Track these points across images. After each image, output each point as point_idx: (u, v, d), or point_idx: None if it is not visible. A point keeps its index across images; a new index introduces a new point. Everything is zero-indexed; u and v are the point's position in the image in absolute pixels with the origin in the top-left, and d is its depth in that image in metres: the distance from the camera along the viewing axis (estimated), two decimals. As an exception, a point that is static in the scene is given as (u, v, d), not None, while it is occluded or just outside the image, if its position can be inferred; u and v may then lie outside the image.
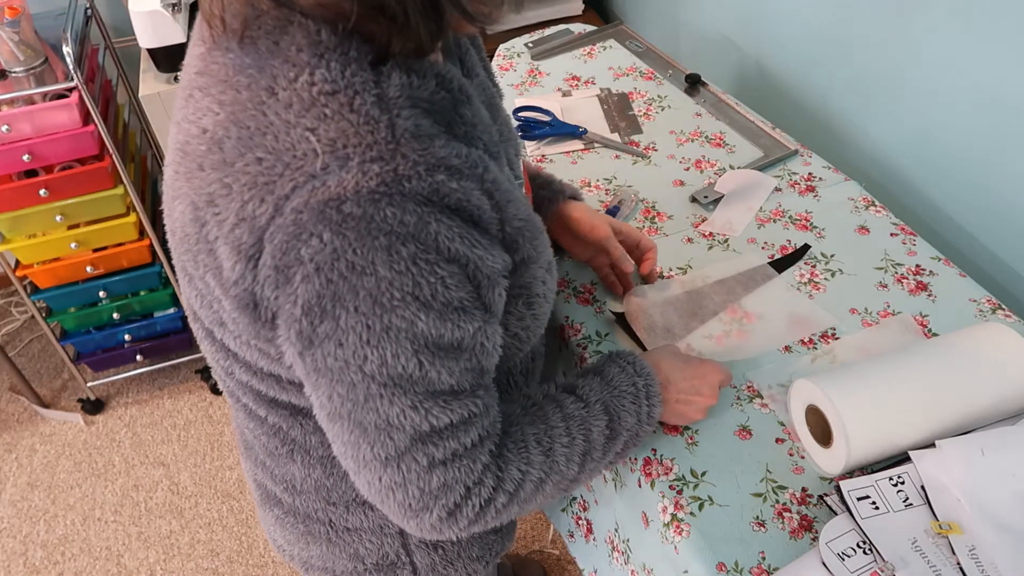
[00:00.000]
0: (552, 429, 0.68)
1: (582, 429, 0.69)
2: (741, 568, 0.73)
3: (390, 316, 0.51)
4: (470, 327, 0.56)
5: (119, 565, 1.71)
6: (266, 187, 0.50)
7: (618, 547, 0.92)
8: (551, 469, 0.67)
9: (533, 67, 1.47)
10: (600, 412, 0.71)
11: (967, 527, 0.70)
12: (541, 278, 0.65)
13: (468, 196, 0.53)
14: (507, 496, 0.64)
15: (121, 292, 1.80)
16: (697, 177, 1.19)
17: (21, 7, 1.46)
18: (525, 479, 0.65)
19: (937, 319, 0.94)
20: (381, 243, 0.49)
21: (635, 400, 0.73)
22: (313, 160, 0.49)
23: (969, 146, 1.11)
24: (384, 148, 0.49)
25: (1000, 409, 0.79)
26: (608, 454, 0.72)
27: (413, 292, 0.51)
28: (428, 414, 0.56)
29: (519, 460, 0.65)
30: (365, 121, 0.50)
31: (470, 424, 0.60)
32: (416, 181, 0.50)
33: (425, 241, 0.51)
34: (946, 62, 1.11)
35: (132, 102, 1.87)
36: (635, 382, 0.74)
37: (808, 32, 1.38)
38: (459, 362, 0.57)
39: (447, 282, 0.53)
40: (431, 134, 0.52)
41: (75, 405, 2.02)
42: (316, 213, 0.49)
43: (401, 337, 0.52)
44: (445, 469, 0.59)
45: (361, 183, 0.48)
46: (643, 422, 0.74)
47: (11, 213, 1.56)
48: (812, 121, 1.42)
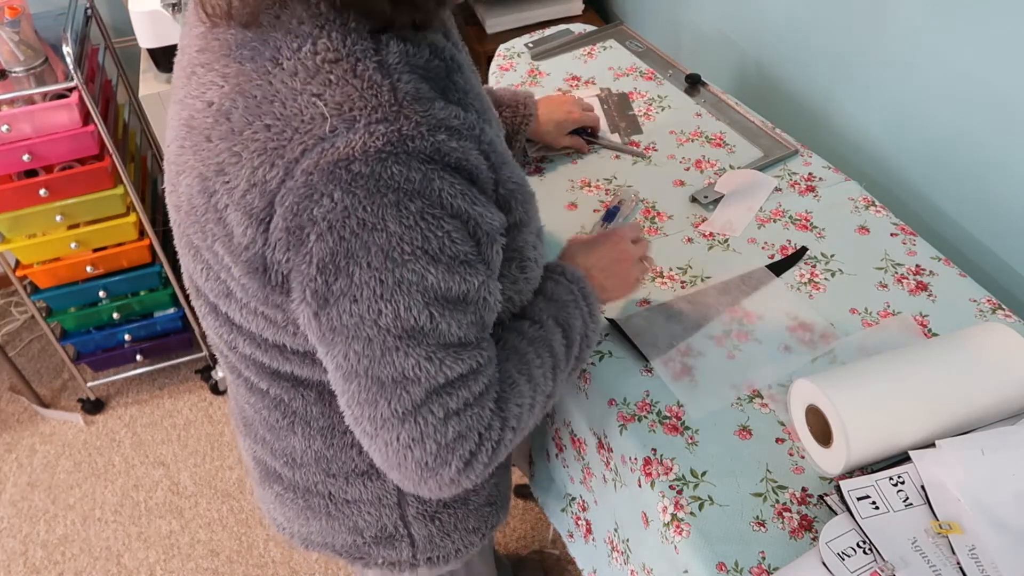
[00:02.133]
0: (524, 356, 0.70)
1: (546, 347, 0.72)
2: (741, 568, 0.73)
3: (401, 270, 0.54)
4: (475, 280, 0.58)
5: (119, 565, 1.71)
6: (276, 152, 0.52)
7: (618, 547, 0.92)
8: (536, 391, 0.70)
9: (533, 67, 1.47)
10: (554, 327, 0.74)
11: (967, 527, 0.70)
12: (532, 243, 0.68)
13: (467, 155, 0.55)
14: (512, 431, 0.67)
15: (121, 292, 1.80)
16: (697, 177, 1.19)
17: (21, 7, 1.46)
18: (522, 410, 0.68)
19: (937, 319, 0.94)
20: (390, 199, 0.51)
21: (576, 306, 0.76)
22: (321, 123, 0.51)
23: (970, 146, 1.11)
24: (388, 110, 0.52)
25: (1000, 409, 0.79)
26: (570, 360, 0.76)
27: (423, 246, 0.54)
28: (442, 364, 0.59)
29: (513, 396, 0.67)
30: (369, 85, 0.52)
31: (478, 373, 0.62)
32: (419, 141, 0.52)
33: (431, 197, 0.53)
34: (947, 62, 1.11)
35: (132, 102, 1.87)
36: (571, 289, 0.77)
37: (808, 32, 1.38)
38: (466, 315, 0.59)
39: (453, 236, 0.55)
40: (430, 97, 0.54)
41: (75, 405, 2.02)
42: (326, 173, 0.51)
43: (413, 290, 0.55)
44: (459, 419, 0.61)
45: (368, 143, 0.51)
46: (587, 322, 0.77)
47: (11, 213, 1.56)
48: (812, 121, 1.42)
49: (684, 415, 0.86)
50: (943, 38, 1.10)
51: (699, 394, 0.88)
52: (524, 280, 0.70)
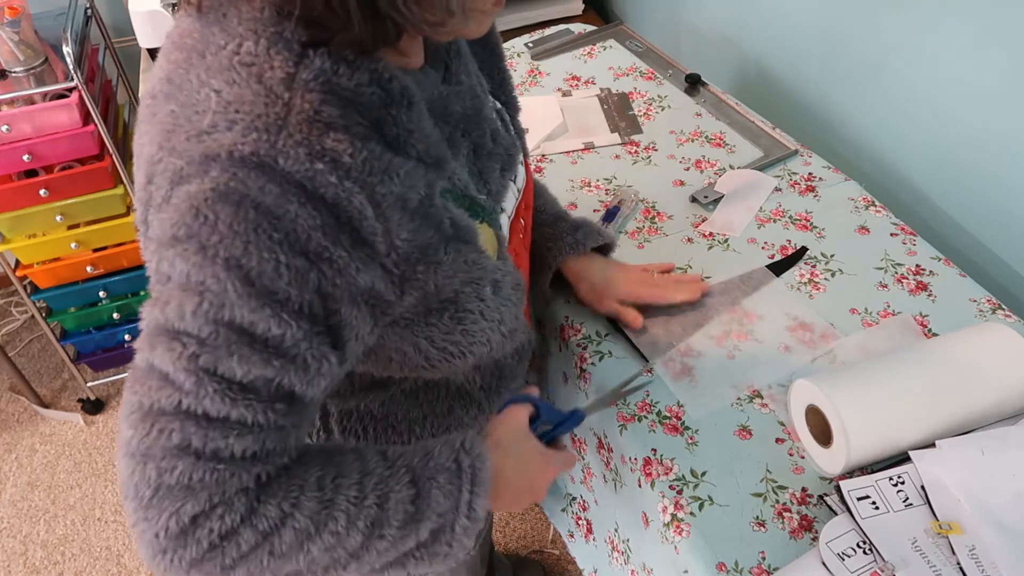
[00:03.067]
0: (341, 478, 0.57)
1: (378, 491, 0.58)
2: (741, 568, 0.73)
3: (207, 271, 0.49)
4: (288, 332, 0.50)
5: (119, 565, 1.71)
6: (168, 134, 0.53)
7: (618, 547, 0.92)
8: (324, 526, 0.55)
9: (533, 67, 1.47)
10: (406, 481, 0.59)
11: (967, 527, 0.70)
12: (475, 294, 0.62)
13: (349, 196, 0.50)
14: (257, 536, 0.53)
15: (121, 292, 1.80)
16: (697, 177, 1.19)
17: (21, 7, 1.46)
18: (285, 524, 0.54)
19: (937, 319, 0.94)
20: (232, 200, 0.49)
21: (453, 480, 0.61)
22: (206, 116, 0.51)
23: (970, 146, 1.11)
24: (272, 122, 0.50)
25: (1000, 409, 0.79)
26: (408, 538, 0.59)
27: (239, 259, 0.48)
28: (201, 386, 0.50)
29: (285, 499, 0.54)
30: (266, 93, 0.51)
31: (247, 431, 0.52)
32: (292, 162, 0.49)
33: (278, 218, 0.49)
34: (946, 62, 1.11)
35: (132, 102, 1.87)
36: (460, 460, 0.62)
37: (808, 32, 1.38)
38: (263, 363, 0.51)
39: (280, 269, 0.49)
40: (331, 124, 0.51)
41: (75, 405, 2.02)
42: (193, 163, 0.51)
43: (207, 297, 0.49)
44: (195, 463, 0.51)
45: (236, 146, 0.49)
46: (461, 512, 0.61)
47: (11, 213, 1.56)
48: (812, 121, 1.42)
49: (684, 415, 0.86)
50: (943, 38, 1.10)
51: (699, 394, 0.88)
52: (463, 332, 0.63)
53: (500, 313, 0.66)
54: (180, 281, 0.50)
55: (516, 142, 0.76)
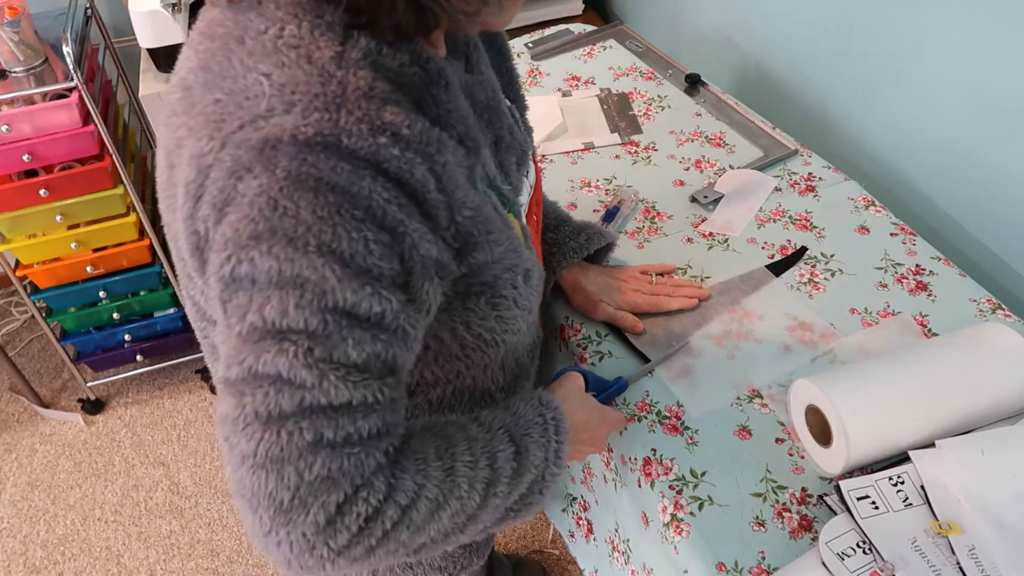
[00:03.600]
0: (455, 447, 0.60)
1: (486, 452, 0.62)
2: (741, 568, 0.73)
3: (302, 264, 0.49)
4: (388, 306, 0.52)
5: (119, 565, 1.71)
6: (215, 125, 0.51)
7: (618, 547, 0.92)
8: (451, 492, 0.58)
9: (533, 67, 1.47)
10: (505, 440, 0.64)
11: (967, 527, 0.70)
12: (511, 281, 0.63)
13: (411, 168, 0.51)
14: (398, 511, 0.55)
15: (121, 292, 1.80)
16: (697, 177, 1.19)
17: (21, 7, 1.46)
18: (420, 495, 0.56)
19: (937, 319, 0.94)
20: (308, 186, 0.48)
21: (543, 433, 0.66)
22: (261, 101, 0.50)
23: (969, 146, 1.11)
24: (330, 100, 0.50)
25: (1000, 409, 0.79)
26: (514, 492, 0.63)
27: (330, 244, 0.49)
28: (323, 379, 0.50)
29: (416, 471, 0.56)
30: (319, 73, 0.50)
31: (371, 411, 0.53)
32: (356, 139, 0.49)
33: (356, 196, 0.49)
34: (946, 62, 1.11)
35: (132, 102, 1.87)
36: (543, 413, 0.68)
37: (808, 32, 1.38)
38: (372, 340, 0.52)
39: (370, 246, 0.50)
40: (386, 99, 0.51)
41: (75, 405, 2.02)
42: (254, 151, 0.49)
43: (308, 289, 0.49)
44: (332, 454, 0.51)
45: (299, 127, 0.49)
46: (550, 460, 0.66)
47: (11, 213, 1.56)
48: (812, 121, 1.42)
49: (684, 415, 0.86)
50: (943, 38, 1.10)
51: (699, 394, 0.88)
52: (497, 319, 0.64)
53: (529, 302, 0.68)
54: (271, 279, 0.49)
55: (527, 138, 0.77)
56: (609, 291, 0.96)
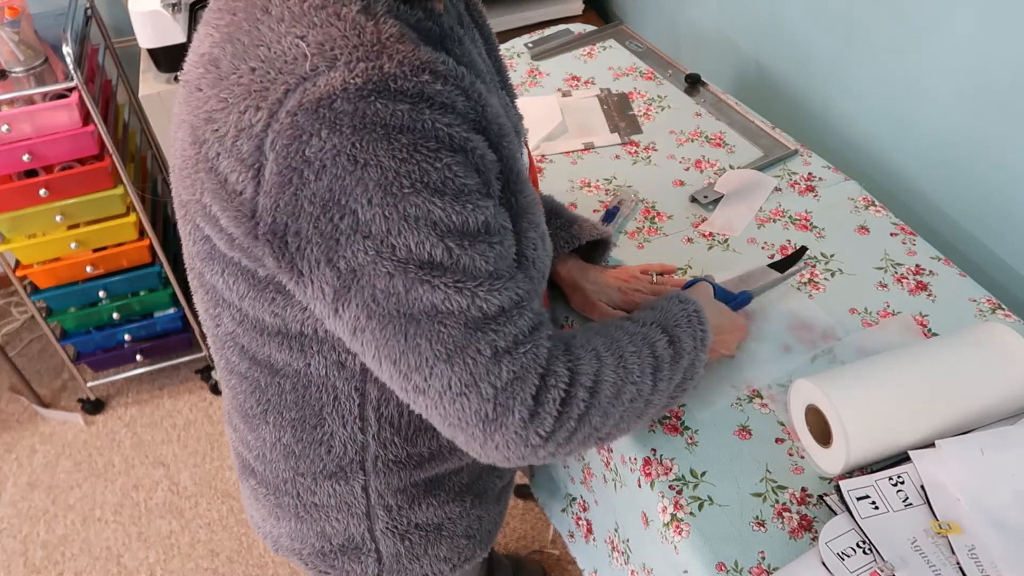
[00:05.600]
0: (619, 340, 0.67)
1: (647, 343, 0.69)
2: (741, 568, 0.73)
3: (404, 204, 0.52)
4: (488, 210, 0.56)
5: (119, 565, 1.71)
6: (259, 94, 0.52)
7: (618, 547, 0.92)
8: (626, 378, 0.65)
9: (533, 67, 1.47)
10: (658, 330, 0.71)
11: (967, 527, 0.70)
12: (532, 241, 0.65)
13: (453, 100, 0.54)
14: (587, 392, 0.62)
15: (121, 292, 1.80)
16: (697, 177, 1.19)
17: (21, 7, 1.46)
18: (601, 376, 0.63)
19: (937, 319, 0.94)
20: (379, 134, 0.51)
21: (689, 323, 0.73)
22: (303, 63, 0.51)
23: (970, 145, 1.11)
24: (370, 49, 0.52)
25: (1000, 409, 0.79)
26: (675, 375, 0.71)
27: (422, 179, 0.52)
28: (475, 297, 0.56)
29: (590, 358, 0.63)
30: (352, 26, 0.52)
31: (522, 308, 0.59)
32: (402, 80, 0.51)
33: (423, 130, 0.52)
34: (946, 61, 1.11)
35: (132, 102, 1.87)
36: (685, 307, 0.75)
37: (808, 32, 1.38)
38: (491, 247, 0.57)
39: (453, 168, 0.53)
40: (417, 43, 0.54)
41: (75, 405, 2.02)
42: (310, 113, 0.50)
43: (421, 224, 0.53)
44: (511, 358, 0.58)
45: (349, 80, 0.50)
46: (699, 348, 0.73)
47: (11, 213, 1.56)
48: (812, 121, 1.42)
49: (684, 415, 0.86)
50: (943, 38, 1.10)
51: (699, 394, 0.88)
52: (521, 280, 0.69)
53: (545, 266, 0.69)
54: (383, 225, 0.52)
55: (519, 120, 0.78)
56: (608, 291, 0.96)
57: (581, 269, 0.97)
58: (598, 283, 0.96)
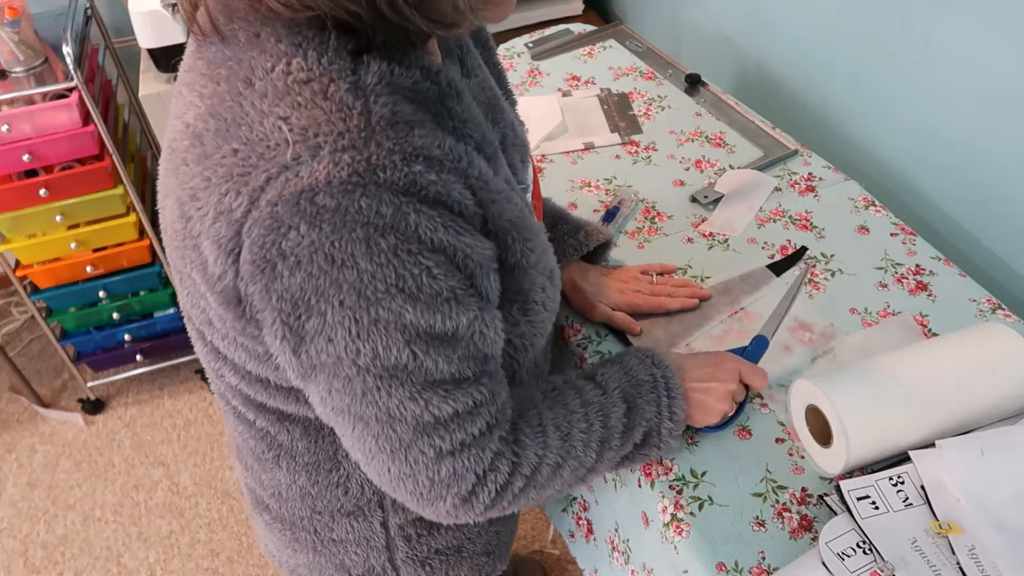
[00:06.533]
0: (571, 414, 0.67)
1: (600, 415, 0.69)
2: (741, 568, 0.73)
3: (376, 308, 0.50)
4: (463, 316, 0.54)
5: (119, 565, 1.71)
6: (241, 179, 0.49)
7: (618, 547, 0.92)
8: (568, 454, 0.66)
9: (533, 67, 1.47)
10: (618, 399, 0.70)
11: (967, 527, 0.70)
12: (540, 284, 0.64)
13: (448, 189, 0.51)
14: (524, 480, 0.63)
15: (121, 292, 1.80)
16: (697, 177, 1.19)
17: (21, 7, 1.46)
18: (542, 463, 0.64)
19: (937, 319, 0.94)
20: (359, 235, 0.48)
21: (653, 389, 0.72)
22: (285, 150, 0.48)
23: (969, 145, 1.11)
24: (356, 136, 0.48)
25: (1000, 409, 0.79)
26: (626, 443, 0.71)
27: (397, 284, 0.50)
28: (428, 404, 0.55)
29: (536, 444, 0.64)
30: (338, 108, 0.49)
31: (476, 413, 0.59)
32: (391, 171, 0.48)
33: (405, 232, 0.49)
34: (946, 61, 1.11)
35: (132, 102, 1.87)
36: (653, 372, 0.73)
37: (808, 32, 1.38)
38: (456, 351, 0.55)
39: (433, 272, 0.51)
40: (410, 121, 0.51)
41: (75, 405, 2.02)
42: (291, 205, 0.48)
43: (391, 329, 0.52)
44: (454, 459, 0.59)
45: (333, 173, 0.47)
46: (663, 415, 0.72)
47: (11, 213, 1.56)
48: (812, 121, 1.42)
49: (684, 415, 0.86)
50: (943, 38, 1.10)
51: (699, 394, 0.88)
52: (528, 324, 0.66)
53: (554, 302, 0.69)
54: (350, 329, 0.51)
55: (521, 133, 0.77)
56: (608, 292, 0.95)
57: (582, 271, 0.97)
58: (598, 285, 0.96)
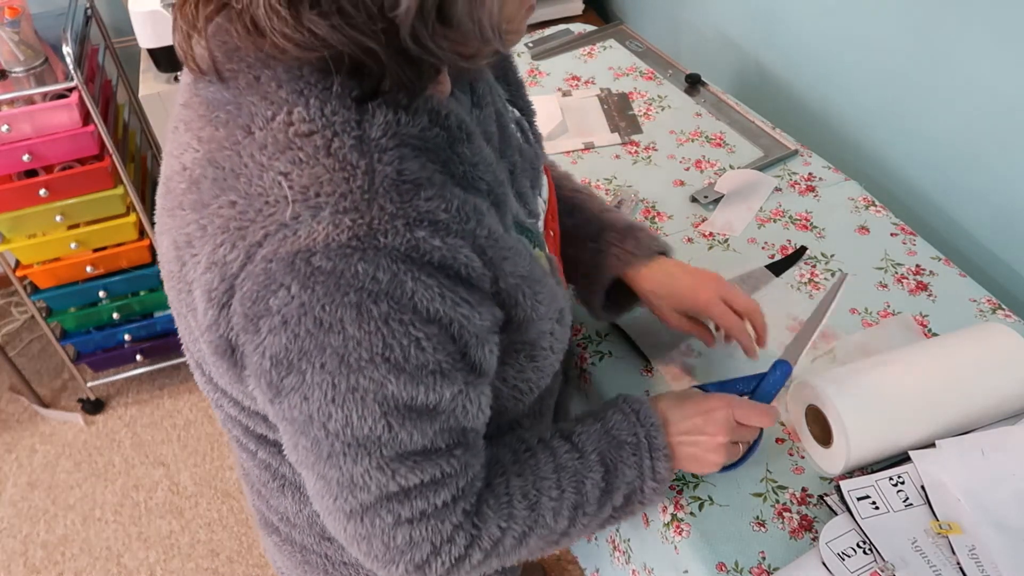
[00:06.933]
0: (541, 481, 0.63)
1: (574, 481, 0.64)
2: (741, 568, 0.73)
3: (357, 376, 0.49)
4: (448, 391, 0.52)
5: (119, 565, 1.71)
6: (238, 232, 0.48)
7: (619, 547, 0.92)
8: (536, 523, 0.63)
9: (533, 67, 1.47)
10: (595, 463, 0.66)
11: (967, 527, 0.70)
12: (549, 330, 0.62)
13: (454, 254, 0.49)
14: (483, 553, 0.61)
15: (121, 292, 1.80)
16: (697, 177, 1.19)
17: (21, 7, 1.46)
18: (505, 535, 0.61)
19: (937, 319, 0.94)
20: (351, 300, 0.46)
21: (635, 451, 0.67)
22: (285, 208, 0.47)
23: (970, 146, 1.11)
24: (359, 198, 0.46)
25: (1001, 409, 0.79)
26: (604, 508, 0.67)
27: (383, 353, 0.48)
28: (395, 475, 0.54)
29: (499, 516, 0.61)
30: (341, 167, 0.47)
31: (442, 484, 0.57)
32: (392, 236, 0.47)
33: (400, 300, 0.47)
34: (945, 61, 1.11)
35: (132, 102, 1.87)
36: (636, 432, 0.68)
37: (808, 31, 1.38)
38: (435, 424, 0.54)
39: (422, 344, 0.49)
40: (417, 180, 0.48)
41: (75, 405, 2.02)
42: (286, 264, 0.46)
43: (368, 399, 0.50)
44: (412, 527, 0.57)
45: (332, 235, 0.46)
46: (645, 476, 0.68)
47: (11, 213, 1.56)
48: (812, 121, 1.42)
49: (684, 415, 0.86)
50: (944, 37, 1.10)
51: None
52: (534, 369, 0.63)
53: (563, 342, 0.65)
54: (326, 394, 0.49)
55: (537, 151, 0.74)
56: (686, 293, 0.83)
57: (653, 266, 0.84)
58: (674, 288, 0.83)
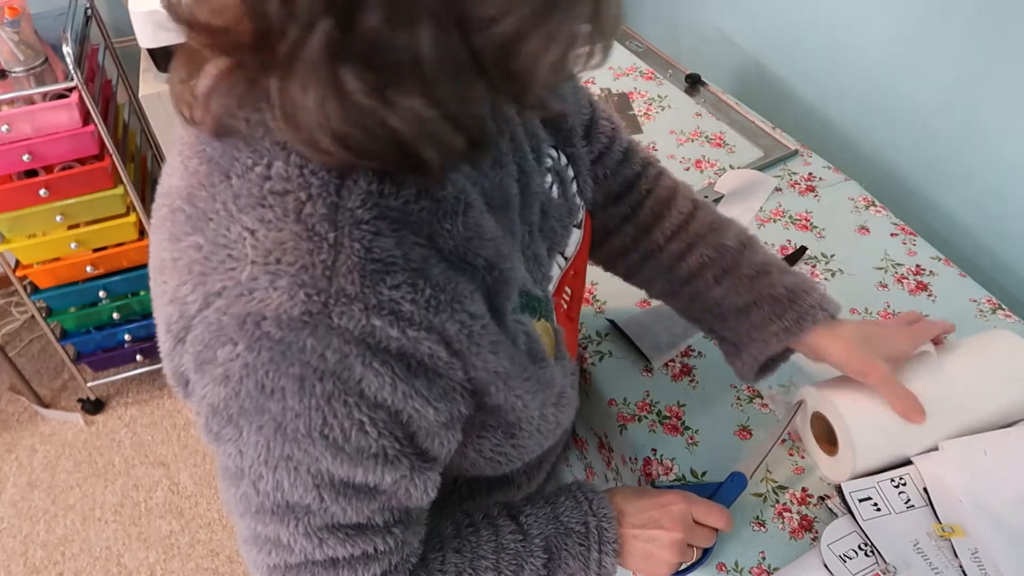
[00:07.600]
0: (479, 560, 0.61)
1: (513, 564, 0.61)
2: (741, 568, 0.73)
3: (292, 446, 0.47)
4: (389, 476, 0.50)
5: (119, 565, 1.71)
6: (200, 277, 0.46)
7: (618, 548, 0.92)
8: None
9: (533, 67, 1.46)
10: (539, 549, 0.62)
11: (969, 529, 0.70)
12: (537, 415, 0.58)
13: (415, 345, 0.46)
14: None
15: (121, 292, 1.80)
16: (697, 177, 1.19)
17: (21, 7, 1.46)
18: None
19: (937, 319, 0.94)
20: (294, 372, 0.44)
21: (583, 541, 0.64)
22: (243, 267, 0.45)
23: (969, 146, 1.11)
24: (320, 274, 0.44)
25: (1007, 416, 0.77)
26: None
27: (321, 431, 0.46)
28: (324, 544, 0.51)
29: None
30: (308, 236, 0.44)
31: (373, 560, 0.54)
32: (347, 320, 0.44)
33: (347, 382, 0.45)
34: (946, 61, 1.11)
35: (132, 102, 1.87)
36: (587, 521, 0.64)
37: (808, 32, 1.38)
38: (373, 503, 0.51)
39: (366, 427, 0.47)
40: (385, 263, 0.45)
41: (75, 405, 2.02)
42: (237, 321, 0.44)
43: (301, 469, 0.48)
44: None
45: (285, 306, 0.43)
46: (591, 569, 0.64)
47: (11, 213, 1.56)
48: (812, 121, 1.42)
49: (684, 415, 0.86)
50: (943, 36, 1.10)
51: (699, 394, 0.88)
52: (513, 446, 0.59)
53: (561, 423, 0.62)
54: (260, 455, 0.48)
55: (573, 206, 0.67)
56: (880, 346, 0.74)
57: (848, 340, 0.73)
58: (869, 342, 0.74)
